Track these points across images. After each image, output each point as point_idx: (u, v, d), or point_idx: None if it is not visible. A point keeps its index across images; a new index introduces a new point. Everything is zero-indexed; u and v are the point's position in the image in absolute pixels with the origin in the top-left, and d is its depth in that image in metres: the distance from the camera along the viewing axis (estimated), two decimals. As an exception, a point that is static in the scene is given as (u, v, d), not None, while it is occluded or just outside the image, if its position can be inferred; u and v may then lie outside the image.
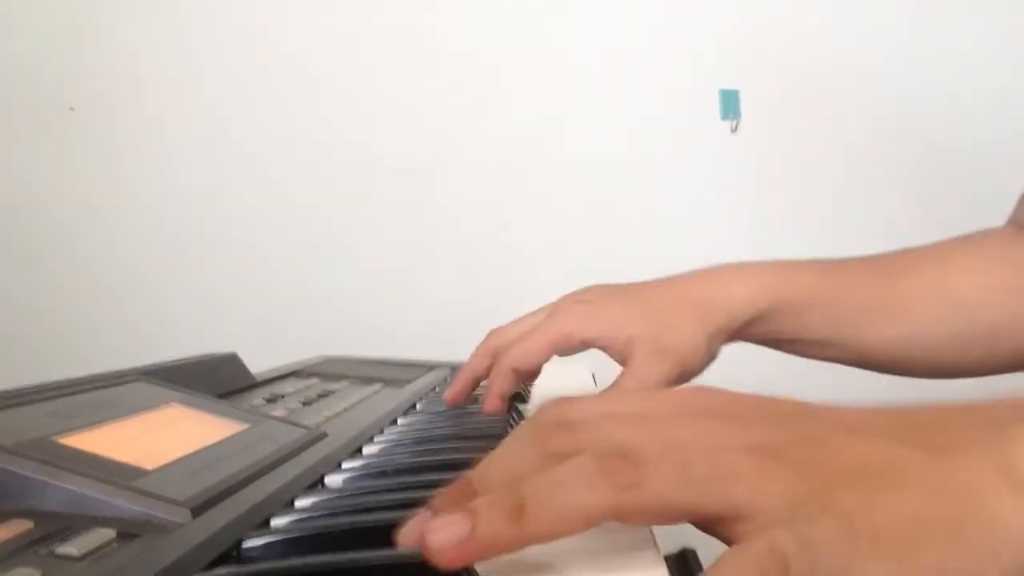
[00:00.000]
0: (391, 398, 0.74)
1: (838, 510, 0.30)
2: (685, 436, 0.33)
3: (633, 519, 0.31)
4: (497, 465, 0.34)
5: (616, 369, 0.67)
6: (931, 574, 0.30)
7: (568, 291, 0.73)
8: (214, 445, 0.48)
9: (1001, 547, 0.30)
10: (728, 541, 0.31)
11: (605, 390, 0.67)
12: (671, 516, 0.31)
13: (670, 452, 0.31)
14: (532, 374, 0.70)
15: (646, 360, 0.64)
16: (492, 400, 0.66)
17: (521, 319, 0.71)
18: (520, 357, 0.66)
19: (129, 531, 0.35)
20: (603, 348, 0.67)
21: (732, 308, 0.69)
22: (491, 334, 0.71)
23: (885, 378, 0.74)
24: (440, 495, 0.34)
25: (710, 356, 0.68)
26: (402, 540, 0.32)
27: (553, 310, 0.69)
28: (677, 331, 0.66)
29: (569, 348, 0.67)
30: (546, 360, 0.67)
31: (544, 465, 0.32)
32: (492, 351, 0.69)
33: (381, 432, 0.60)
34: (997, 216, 0.81)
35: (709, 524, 0.31)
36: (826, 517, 0.30)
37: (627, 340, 0.65)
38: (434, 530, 0.30)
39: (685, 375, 0.66)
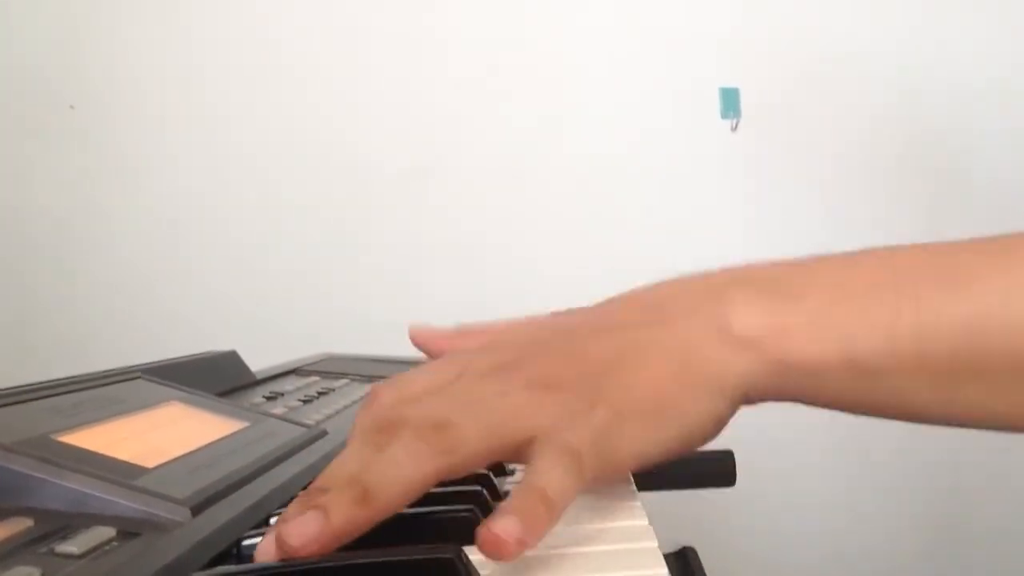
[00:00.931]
0: (391, 397, 0.73)
1: (604, 399, 0.40)
2: (480, 392, 0.40)
3: (459, 474, 0.38)
4: (337, 469, 0.38)
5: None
6: (678, 421, 0.40)
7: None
8: (214, 443, 0.48)
9: (721, 385, 0.41)
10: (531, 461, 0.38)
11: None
12: (486, 460, 0.39)
13: (469, 411, 0.39)
14: None
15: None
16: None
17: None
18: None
19: (129, 529, 0.35)
20: None
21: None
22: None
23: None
24: (290, 507, 0.36)
25: None
26: (259, 556, 0.34)
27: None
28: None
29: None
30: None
31: (378, 456, 0.37)
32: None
33: (381, 431, 0.59)
34: (997, 214, 0.81)
35: (518, 457, 0.38)
36: (597, 408, 0.39)
37: None
38: (289, 533, 0.33)
39: None
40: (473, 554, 0.32)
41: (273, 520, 0.39)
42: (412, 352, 1.03)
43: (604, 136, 1.52)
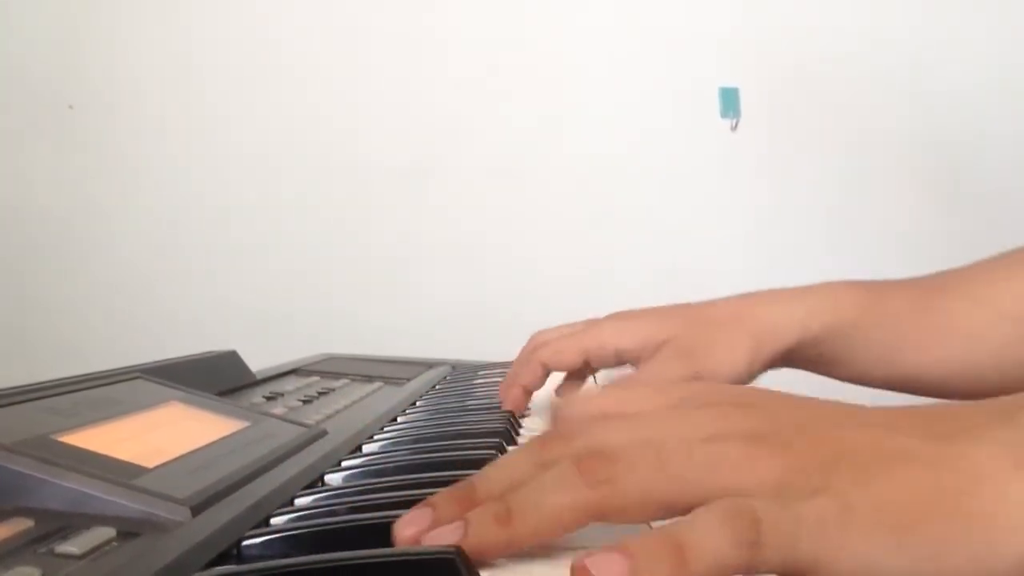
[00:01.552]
0: (391, 396, 0.74)
1: (833, 489, 0.29)
2: (671, 430, 0.33)
3: (613, 516, 0.32)
4: (496, 473, 0.36)
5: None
6: (932, 552, 0.28)
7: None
8: (214, 443, 0.48)
9: (1009, 531, 0.28)
10: None
11: (614, 384, 0.67)
12: (650, 509, 0.32)
13: (646, 447, 0.32)
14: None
15: (664, 358, 0.63)
16: (514, 392, 0.66)
17: (564, 325, 0.71)
18: (551, 355, 0.67)
19: (129, 530, 0.35)
20: (635, 360, 0.66)
21: (779, 329, 0.66)
22: (533, 337, 0.71)
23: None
24: (442, 493, 0.35)
25: (749, 377, 0.65)
26: (398, 529, 0.34)
27: (594, 321, 0.69)
28: (714, 343, 0.64)
29: (602, 358, 0.67)
30: (576, 364, 0.68)
31: (536, 474, 0.34)
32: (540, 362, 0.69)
33: (381, 430, 0.60)
34: (999, 212, 0.81)
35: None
36: (819, 496, 0.29)
37: (656, 346, 0.64)
38: (430, 538, 0.33)
39: None
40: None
41: (273, 520, 0.39)
42: (412, 352, 1.03)
43: (604, 136, 1.52)
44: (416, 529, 0.33)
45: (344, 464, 0.49)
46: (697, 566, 0.28)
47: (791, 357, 0.67)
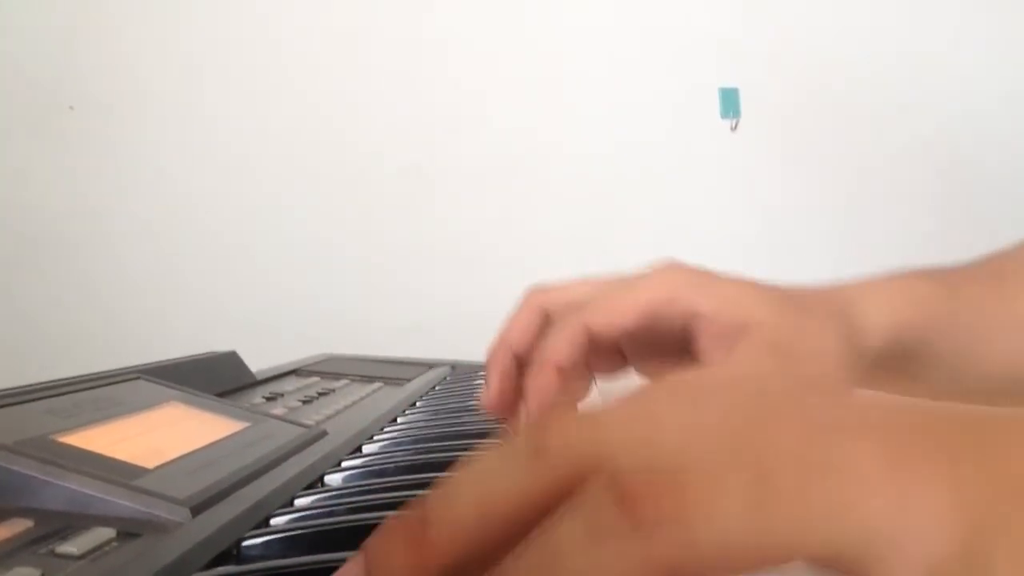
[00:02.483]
0: (391, 397, 0.74)
1: None
2: (768, 434, 0.20)
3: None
4: (464, 500, 0.21)
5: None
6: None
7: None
8: (214, 444, 0.48)
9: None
10: None
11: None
12: (753, 565, 0.19)
13: (740, 460, 0.19)
14: (606, 348, 0.48)
15: (753, 352, 0.45)
16: (547, 371, 0.44)
17: (578, 281, 0.50)
18: (603, 315, 0.45)
19: (129, 530, 0.35)
20: (703, 330, 0.46)
21: (865, 331, 0.50)
22: (535, 291, 0.50)
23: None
24: (378, 538, 0.21)
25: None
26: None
27: (642, 274, 0.48)
28: (803, 337, 0.47)
29: (665, 317, 0.46)
30: (633, 327, 0.45)
31: (533, 501, 0.20)
32: (541, 309, 0.48)
33: (381, 431, 0.60)
34: (999, 214, 0.81)
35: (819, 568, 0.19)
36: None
37: (738, 325, 0.45)
38: None
39: None
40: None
41: (273, 521, 0.39)
42: (412, 352, 1.03)
43: (604, 136, 1.52)
44: None
45: (344, 464, 0.49)
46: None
47: (874, 365, 0.52)
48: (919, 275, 0.56)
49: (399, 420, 0.64)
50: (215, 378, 0.68)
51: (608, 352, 0.49)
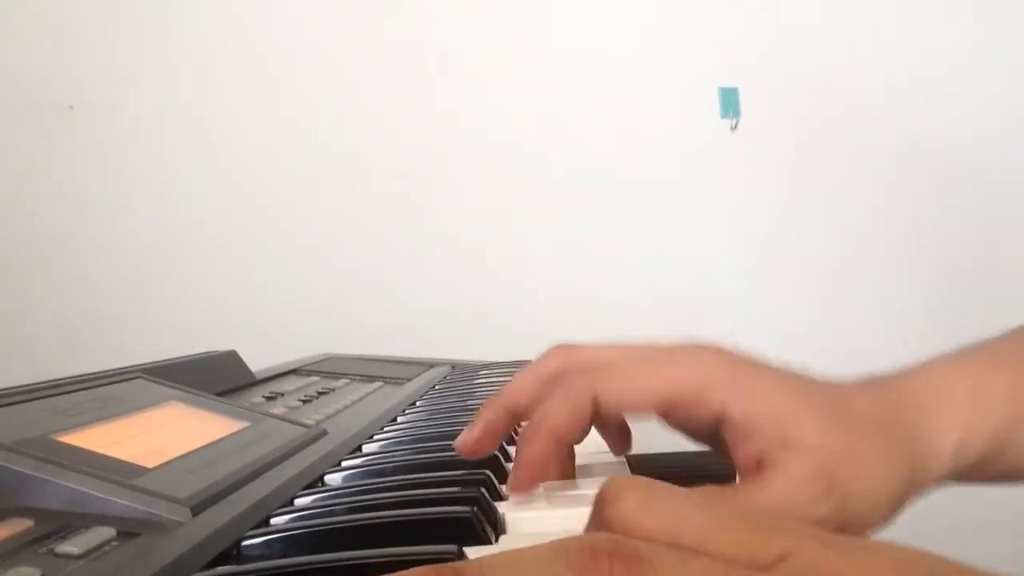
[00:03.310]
0: (391, 396, 0.74)
1: None
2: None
3: None
4: None
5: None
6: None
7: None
8: (214, 443, 0.48)
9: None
10: None
11: (704, 491, 0.37)
12: None
13: None
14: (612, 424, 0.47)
15: (801, 484, 0.38)
16: (542, 439, 0.41)
17: (606, 345, 0.45)
18: (616, 391, 0.41)
19: (129, 530, 0.35)
20: (736, 438, 0.40)
21: (934, 455, 0.44)
22: (558, 348, 0.46)
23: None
24: None
25: (884, 519, 0.42)
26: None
27: (673, 351, 0.43)
28: (867, 467, 0.40)
29: (684, 414, 0.41)
30: (644, 413, 0.42)
31: None
32: (555, 374, 0.44)
33: (381, 430, 0.60)
34: (995, 213, 0.81)
35: None
36: None
37: (782, 440, 0.39)
38: None
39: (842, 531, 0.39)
40: (473, 554, 0.32)
41: (273, 520, 0.39)
42: (412, 352, 1.03)
43: (604, 135, 1.52)
44: None
45: (344, 464, 0.49)
46: None
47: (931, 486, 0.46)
48: (993, 364, 0.48)
49: (399, 420, 0.64)
50: (215, 377, 0.68)
51: (614, 426, 0.47)
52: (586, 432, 0.42)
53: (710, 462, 0.45)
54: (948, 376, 0.46)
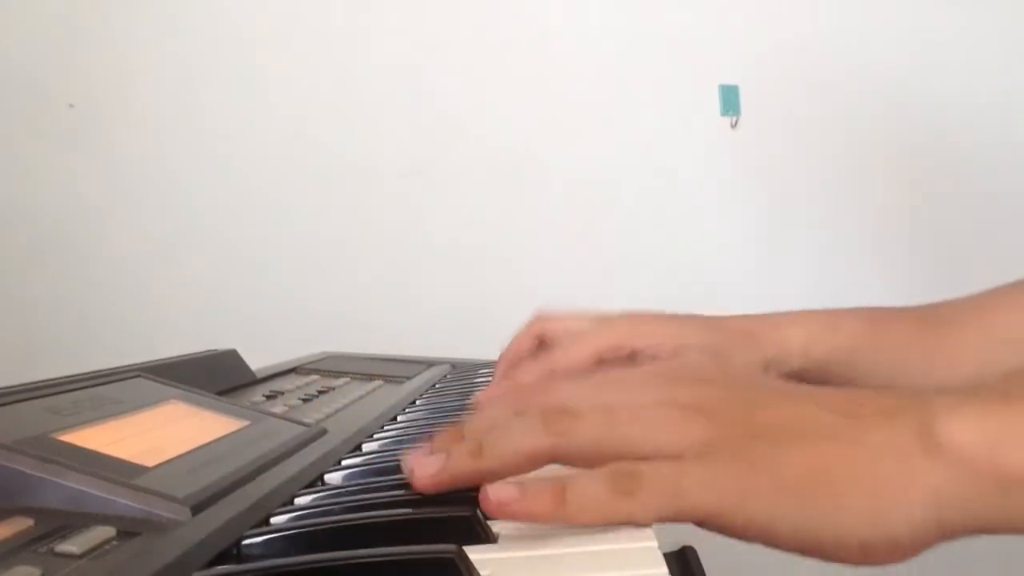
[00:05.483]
0: (391, 395, 0.74)
1: (746, 457, 0.36)
2: (627, 396, 0.40)
3: (566, 459, 0.38)
4: (480, 416, 0.43)
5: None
6: (829, 510, 0.34)
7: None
8: (214, 442, 0.48)
9: (902, 497, 0.34)
10: None
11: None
12: (598, 459, 0.37)
13: (602, 408, 0.39)
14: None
15: (692, 356, 0.60)
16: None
17: (569, 315, 0.67)
18: (560, 357, 0.62)
19: (129, 529, 0.35)
20: (652, 356, 0.62)
21: (783, 354, 0.63)
22: (537, 318, 0.67)
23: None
24: (442, 431, 0.43)
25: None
26: (404, 464, 0.41)
27: (605, 318, 0.65)
28: (732, 356, 0.62)
29: (615, 359, 0.62)
30: (587, 366, 0.61)
31: (510, 419, 0.40)
32: (539, 336, 0.66)
33: (381, 429, 0.60)
34: (994, 214, 0.81)
35: None
36: (737, 460, 0.36)
37: (674, 350, 0.61)
38: (419, 465, 0.40)
39: None
40: (473, 554, 0.32)
41: (274, 519, 0.39)
42: (412, 351, 1.03)
43: (604, 135, 1.52)
44: (417, 456, 0.40)
45: (344, 463, 0.49)
46: (572, 506, 0.36)
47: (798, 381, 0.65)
48: (846, 312, 0.66)
49: (399, 418, 0.64)
50: (215, 376, 0.68)
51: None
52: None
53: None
54: (804, 312, 0.66)
